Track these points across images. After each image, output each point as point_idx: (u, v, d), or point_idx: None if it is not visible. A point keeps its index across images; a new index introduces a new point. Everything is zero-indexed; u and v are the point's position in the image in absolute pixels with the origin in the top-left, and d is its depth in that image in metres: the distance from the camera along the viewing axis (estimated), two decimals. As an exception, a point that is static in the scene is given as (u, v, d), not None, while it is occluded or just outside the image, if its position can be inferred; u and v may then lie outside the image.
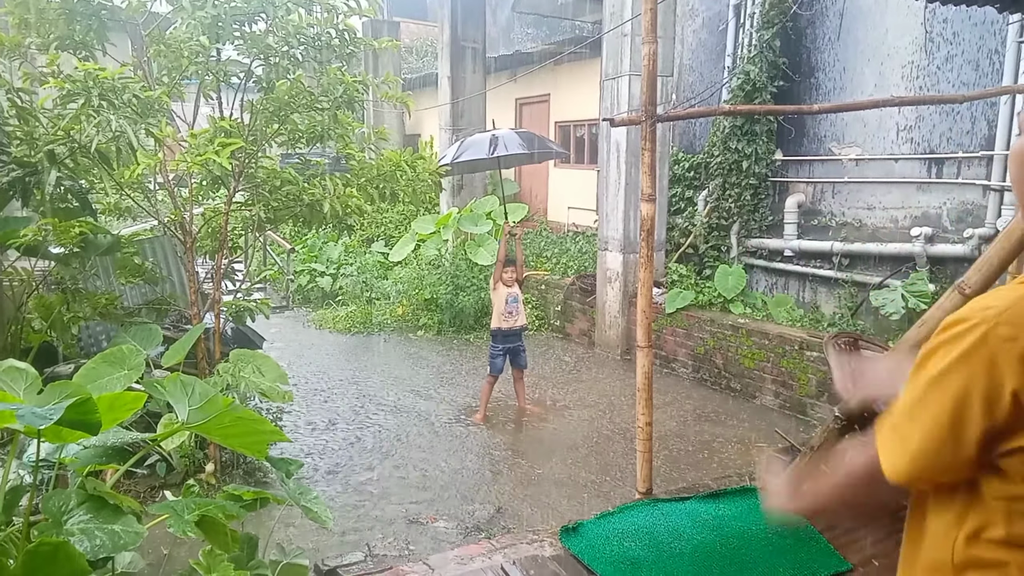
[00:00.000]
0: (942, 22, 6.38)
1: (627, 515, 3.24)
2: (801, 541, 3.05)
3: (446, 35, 11.00)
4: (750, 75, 7.48)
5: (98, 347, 4.79)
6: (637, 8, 7.08)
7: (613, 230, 8.00)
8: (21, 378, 2.00)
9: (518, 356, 6.15)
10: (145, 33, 4.36)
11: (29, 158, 3.48)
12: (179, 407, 1.91)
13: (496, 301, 6.07)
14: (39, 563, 1.49)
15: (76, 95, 3.43)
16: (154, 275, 4.89)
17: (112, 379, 3.17)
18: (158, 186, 4.82)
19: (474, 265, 9.54)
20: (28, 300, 4.34)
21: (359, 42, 4.35)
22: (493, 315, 6.12)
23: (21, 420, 1.48)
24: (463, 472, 5.12)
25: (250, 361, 3.99)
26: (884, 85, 6.85)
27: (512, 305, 6.01)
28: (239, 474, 4.71)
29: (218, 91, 4.48)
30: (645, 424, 3.34)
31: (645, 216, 3.20)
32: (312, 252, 11.58)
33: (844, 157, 7.28)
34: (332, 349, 8.61)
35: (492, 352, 6.12)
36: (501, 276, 5.97)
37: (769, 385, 6.51)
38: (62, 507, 1.67)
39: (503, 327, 6.01)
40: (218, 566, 1.83)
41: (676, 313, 7.37)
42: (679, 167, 8.67)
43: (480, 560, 2.88)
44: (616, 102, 7.70)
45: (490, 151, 6.05)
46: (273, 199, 4.44)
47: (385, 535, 4.20)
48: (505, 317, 6.00)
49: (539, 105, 12.32)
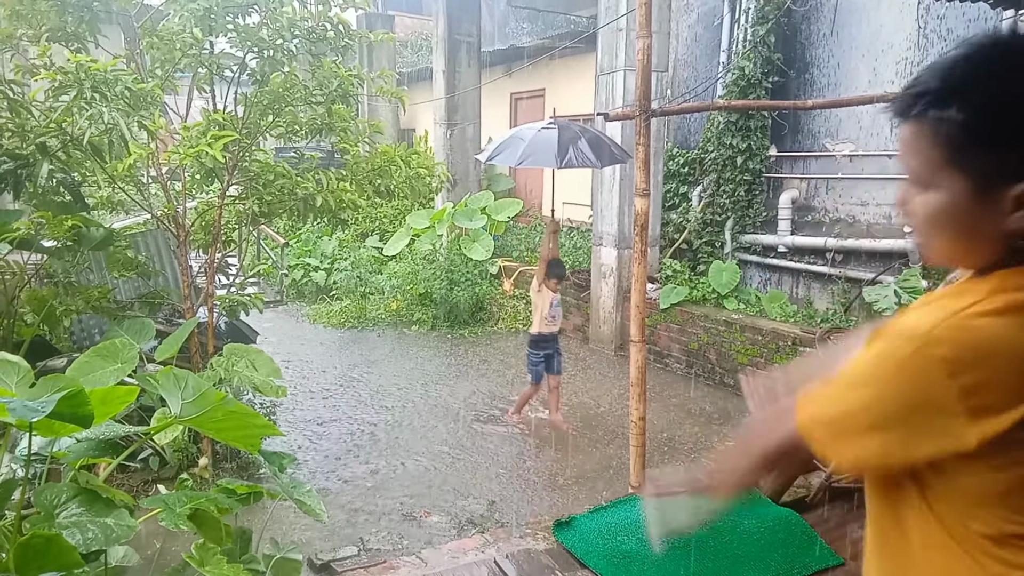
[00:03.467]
0: (936, 19, 6.39)
1: (620, 509, 3.25)
2: (793, 535, 3.07)
3: (441, 29, 10.97)
4: (745, 71, 7.49)
5: (91, 341, 4.77)
6: (632, 3, 7.07)
7: (608, 225, 8.00)
8: (13, 371, 1.99)
9: (553, 360, 5.76)
10: (138, 25, 4.33)
11: (21, 151, 3.45)
12: (172, 401, 1.90)
13: (540, 304, 5.65)
14: (31, 556, 1.48)
15: (68, 87, 3.40)
16: (147, 269, 4.87)
17: (105, 373, 3.15)
18: (151, 179, 4.80)
19: (468, 260, 9.54)
20: (20, 293, 4.31)
21: (353, 35, 4.33)
22: (534, 319, 5.72)
23: (13, 413, 1.47)
24: (456, 466, 5.12)
25: (244, 355, 3.98)
26: (878, 81, 6.86)
27: (556, 309, 5.70)
28: (232, 468, 4.71)
29: (211, 84, 4.45)
30: (638, 418, 3.35)
31: (639, 211, 3.20)
32: (306, 246, 11.56)
33: (838, 153, 7.29)
34: (326, 344, 8.60)
35: (532, 359, 5.73)
36: (550, 285, 5.58)
37: (762, 380, 6.52)
38: (54, 500, 1.67)
39: (544, 331, 5.66)
40: (211, 560, 1.83)
41: (670, 309, 7.38)
42: (674, 163, 8.68)
43: (473, 554, 2.88)
44: (611, 97, 7.69)
45: (559, 162, 5.12)
46: (267, 193, 4.42)
47: (379, 529, 4.20)
48: (548, 321, 5.66)
49: (534, 100, 12.30)
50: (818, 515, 3.29)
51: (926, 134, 1.00)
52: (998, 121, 0.95)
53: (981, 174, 0.97)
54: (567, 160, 5.11)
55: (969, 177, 0.98)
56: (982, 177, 0.97)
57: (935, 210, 1.02)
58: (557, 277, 5.62)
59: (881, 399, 0.99)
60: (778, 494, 3.41)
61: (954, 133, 0.97)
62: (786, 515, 3.23)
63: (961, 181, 0.98)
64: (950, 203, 1.00)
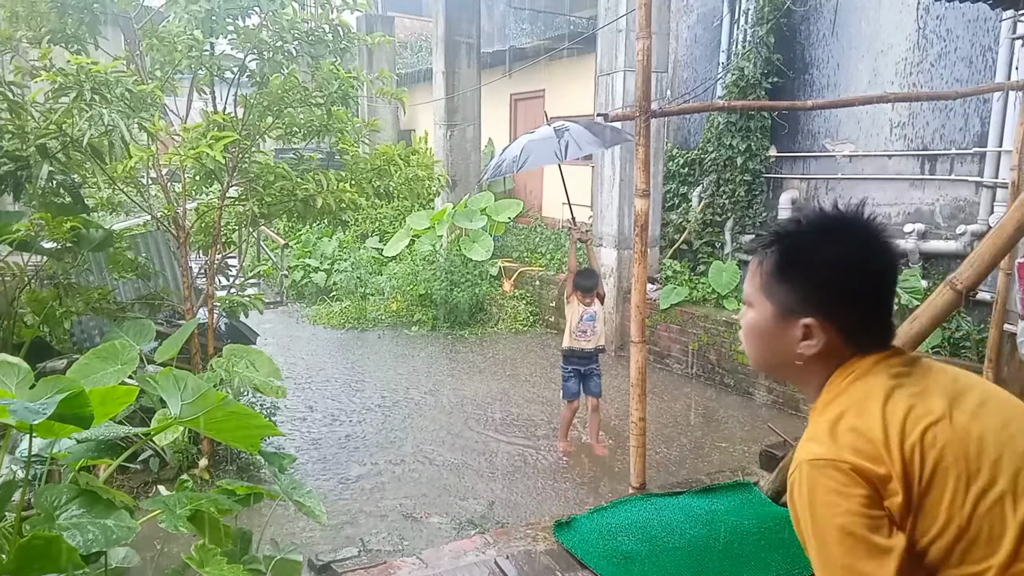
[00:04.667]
0: (936, 19, 6.40)
1: (621, 510, 3.25)
2: (793, 535, 3.06)
3: (440, 30, 10.97)
4: (744, 71, 7.49)
5: (91, 342, 4.77)
6: (632, 4, 7.08)
7: (608, 226, 8.00)
8: (13, 373, 1.99)
9: (590, 381, 5.31)
10: (138, 27, 4.34)
11: (21, 152, 3.45)
12: (172, 402, 1.90)
13: (570, 316, 5.26)
14: (32, 557, 1.48)
15: (68, 89, 3.40)
16: (147, 270, 4.87)
17: (105, 374, 3.15)
18: (151, 181, 4.80)
19: (468, 261, 9.54)
20: (20, 295, 4.31)
21: (353, 37, 4.34)
22: (565, 332, 5.33)
23: (13, 415, 1.47)
24: (456, 467, 5.12)
25: (244, 356, 3.98)
26: (878, 82, 6.87)
27: (588, 323, 5.19)
28: (233, 469, 4.71)
29: (211, 85, 4.45)
30: (638, 419, 3.35)
31: (639, 212, 3.20)
32: (306, 247, 11.56)
33: (838, 153, 7.29)
34: (326, 345, 8.60)
35: (563, 374, 5.34)
36: (579, 297, 5.20)
37: (762, 381, 6.53)
38: (55, 502, 1.67)
39: (574, 347, 5.22)
40: (211, 560, 1.83)
41: (670, 309, 7.38)
42: (673, 163, 8.68)
43: (473, 555, 2.88)
44: (611, 97, 7.70)
45: (561, 155, 4.76)
46: (267, 194, 4.42)
47: (379, 530, 4.20)
48: (577, 336, 5.21)
49: (534, 100, 12.30)
50: (818, 515, 3.28)
51: (757, 265, 1.27)
52: (793, 263, 1.21)
53: (781, 302, 1.22)
54: (568, 150, 4.77)
55: (774, 303, 1.23)
56: (782, 305, 1.22)
57: (750, 325, 1.29)
58: (582, 289, 5.16)
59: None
60: (778, 494, 3.41)
61: (767, 267, 1.24)
62: (787, 515, 3.22)
63: (769, 305, 1.24)
64: (760, 321, 1.27)
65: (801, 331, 1.20)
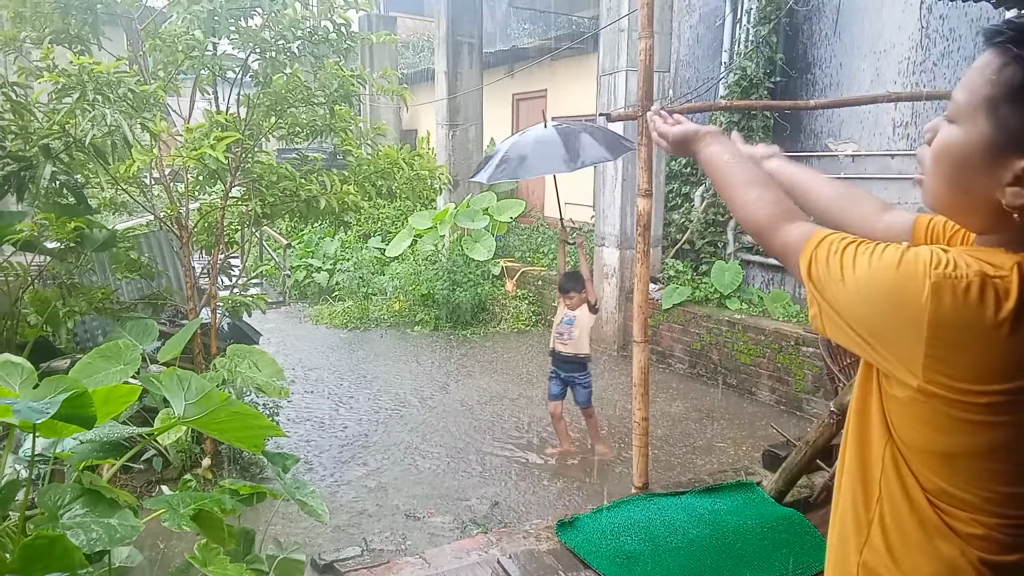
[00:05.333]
0: (939, 18, 6.39)
1: (623, 509, 3.25)
2: (796, 535, 3.06)
3: (442, 30, 10.98)
4: (747, 71, 7.48)
5: (94, 342, 4.78)
6: (634, 4, 7.07)
7: (610, 226, 8.00)
8: (17, 373, 1.99)
9: (575, 390, 5.15)
10: (140, 27, 4.34)
11: (24, 152, 3.46)
12: (175, 402, 1.91)
13: (556, 318, 5.22)
14: (36, 556, 1.49)
15: (71, 89, 3.41)
16: (150, 270, 4.88)
17: (108, 374, 3.16)
18: (154, 181, 4.81)
19: (471, 261, 9.54)
20: (24, 295, 4.32)
21: (355, 37, 4.34)
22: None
23: (17, 415, 1.48)
24: (459, 466, 5.12)
25: (246, 356, 3.99)
26: (880, 81, 6.86)
27: (565, 327, 5.04)
28: (236, 469, 4.71)
29: (214, 85, 4.46)
30: (641, 419, 3.35)
31: (642, 211, 3.20)
32: (308, 247, 11.57)
33: (840, 153, 7.28)
34: (328, 345, 8.61)
35: (549, 374, 5.30)
36: (559, 298, 5.12)
37: (765, 381, 6.52)
38: (58, 501, 1.67)
39: (553, 348, 5.16)
40: (214, 560, 1.83)
41: (672, 309, 7.38)
42: (676, 163, 8.67)
43: (476, 554, 2.89)
44: (613, 97, 7.69)
45: (570, 164, 4.51)
46: (269, 194, 4.43)
47: (382, 529, 4.21)
48: (555, 337, 5.12)
49: (536, 100, 12.30)
50: (821, 515, 3.28)
51: (992, 67, 0.97)
52: None
53: (1004, 131, 0.95)
54: (579, 160, 4.54)
55: (994, 127, 0.95)
56: (1003, 134, 0.95)
57: (947, 145, 1.01)
58: (562, 291, 5.06)
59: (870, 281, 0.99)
60: (781, 494, 3.41)
61: (1009, 78, 0.94)
62: (789, 515, 3.23)
63: (985, 128, 0.96)
64: (963, 144, 0.99)
65: (1014, 175, 0.94)
